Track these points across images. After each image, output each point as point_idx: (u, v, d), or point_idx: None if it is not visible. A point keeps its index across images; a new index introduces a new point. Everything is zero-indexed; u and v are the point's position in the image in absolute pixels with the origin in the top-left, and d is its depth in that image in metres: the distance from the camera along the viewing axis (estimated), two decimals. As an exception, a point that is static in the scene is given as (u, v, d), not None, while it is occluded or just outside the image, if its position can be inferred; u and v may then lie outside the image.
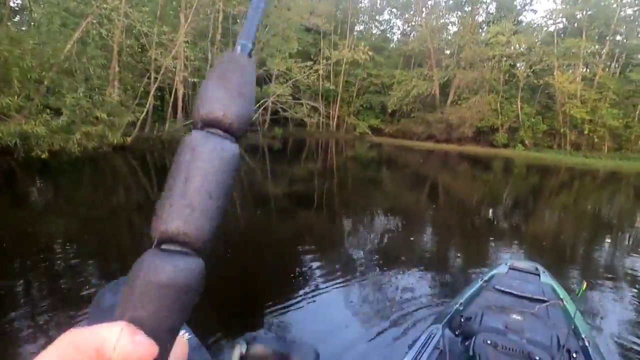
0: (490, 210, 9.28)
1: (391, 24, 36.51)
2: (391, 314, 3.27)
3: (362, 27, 35.02)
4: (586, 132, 23.33)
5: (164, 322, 0.23)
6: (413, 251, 5.34)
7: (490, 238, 6.53)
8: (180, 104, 16.25)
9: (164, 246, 0.25)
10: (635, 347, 3.05)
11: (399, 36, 36.47)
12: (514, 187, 13.80)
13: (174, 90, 14.90)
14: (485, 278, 2.74)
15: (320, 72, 19.30)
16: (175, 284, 0.24)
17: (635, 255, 5.93)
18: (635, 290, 4.41)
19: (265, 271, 4.31)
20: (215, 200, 0.26)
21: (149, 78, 12.89)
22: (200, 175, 0.26)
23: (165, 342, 0.22)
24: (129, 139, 12.87)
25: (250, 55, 0.32)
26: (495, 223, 7.99)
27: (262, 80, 20.46)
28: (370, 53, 20.76)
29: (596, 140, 23.71)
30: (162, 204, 0.26)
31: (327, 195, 9.41)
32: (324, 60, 19.24)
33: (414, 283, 4.08)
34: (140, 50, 12.71)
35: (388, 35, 36.62)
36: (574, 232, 7.68)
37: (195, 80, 17.31)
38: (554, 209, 10.00)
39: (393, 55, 33.13)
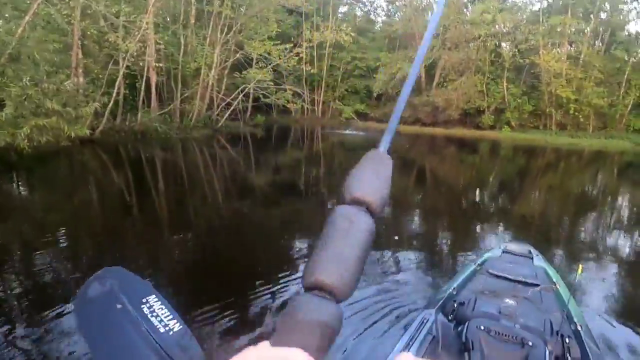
0: (479, 193, 9.17)
1: (375, 5, 35.56)
2: (383, 300, 3.21)
3: (345, 9, 34.00)
4: (571, 111, 23.22)
5: (321, 353, 0.27)
6: (404, 236, 5.25)
7: (481, 221, 6.44)
8: (153, 92, 15.34)
9: (314, 292, 0.30)
10: (629, 330, 3.00)
11: (384, 17, 35.61)
12: (502, 169, 13.73)
13: (144, 78, 13.95)
14: (479, 262, 2.68)
15: (302, 55, 18.47)
16: (330, 324, 0.29)
17: (624, 234, 5.95)
18: (627, 271, 4.38)
19: (251, 260, 4.17)
20: (361, 263, 0.33)
21: (115, 64, 11.94)
22: (356, 242, 0.33)
23: None
24: (96, 132, 12.06)
25: (388, 153, 0.45)
26: (484, 206, 7.89)
27: (240, 65, 19.56)
28: (353, 34, 19.99)
29: (581, 119, 23.65)
30: (321, 258, 0.32)
31: (314, 182, 9.17)
32: (306, 43, 18.42)
33: (406, 268, 4.02)
34: (103, 34, 11.71)
35: (372, 17, 35.74)
36: (564, 212, 7.65)
37: (171, 67, 16.39)
38: (542, 190, 10.03)
39: (378, 38, 32.33)
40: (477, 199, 8.61)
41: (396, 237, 5.20)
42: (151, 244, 4.58)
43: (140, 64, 13.35)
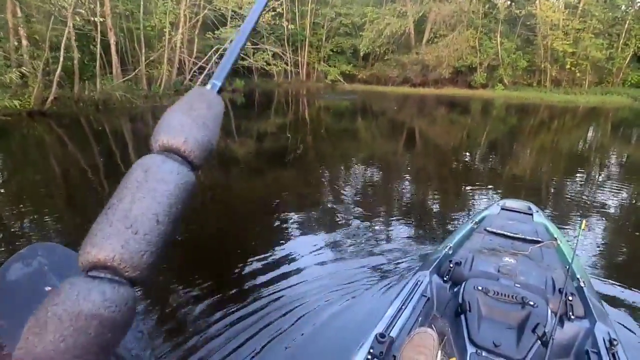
0: (472, 155, 8.89)
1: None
2: (377, 264, 3.12)
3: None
4: (568, 66, 22.07)
5: (102, 355, 0.19)
6: (396, 200, 5.10)
7: (475, 181, 6.26)
8: (114, 56, 13.77)
9: (93, 272, 0.22)
10: (632, 285, 2.88)
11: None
12: (494, 129, 13.09)
13: (99, 40, 12.38)
14: (476, 220, 2.58)
15: (280, 10, 16.73)
16: (100, 316, 0.20)
17: (623, 190, 5.88)
18: (629, 226, 4.29)
19: (237, 233, 3.89)
20: (163, 225, 0.23)
21: (63, 25, 10.36)
22: (150, 197, 0.24)
23: None
24: (47, 103, 10.74)
25: (219, 92, 0.37)
26: (478, 167, 7.70)
27: (214, 25, 17.81)
28: None
29: (578, 74, 22.57)
30: (100, 225, 0.23)
31: (301, 149, 8.59)
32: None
33: (400, 231, 3.89)
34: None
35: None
36: (560, 170, 7.50)
37: (132, 27, 14.68)
38: (536, 149, 9.63)
39: (364, -9, 30.09)
40: (470, 159, 8.37)
41: (389, 200, 4.99)
42: None
43: (94, 19, 11.71)
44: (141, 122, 11.67)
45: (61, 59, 10.31)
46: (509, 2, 23.93)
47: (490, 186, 6.01)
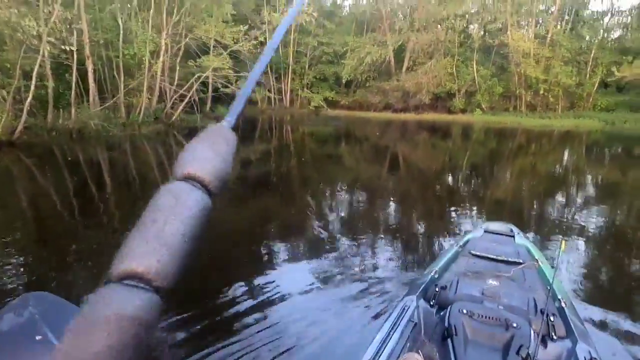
0: (454, 178, 9.02)
1: (341, -12, 34.12)
2: (364, 289, 3.13)
3: (310, -8, 32.37)
4: (541, 92, 23.00)
5: (129, 351, 0.23)
6: (382, 225, 5.09)
7: (459, 204, 6.31)
8: (92, 84, 13.51)
9: (127, 281, 0.26)
10: (612, 304, 2.98)
11: (351, 1, 34.29)
12: (475, 153, 13.36)
13: (74, 69, 12.13)
14: (461, 243, 2.63)
15: (261, 39, 16.95)
16: (138, 318, 0.24)
17: (600, 210, 6.07)
18: (607, 245, 4.40)
19: (220, 262, 3.75)
20: (188, 244, 0.29)
21: (26, 53, 10.09)
22: (179, 220, 0.29)
23: None
24: (16, 133, 10.30)
25: (233, 129, 0.42)
26: (461, 190, 7.81)
27: (197, 53, 17.86)
28: (315, 15, 18.67)
29: (551, 99, 23.51)
30: (136, 241, 0.27)
31: (285, 175, 8.64)
32: (265, 25, 16.88)
33: (387, 256, 3.89)
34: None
35: (339, 1, 34.32)
36: (540, 192, 7.61)
37: (112, 55, 14.52)
38: (516, 172, 9.83)
39: (345, 22, 31.12)
40: (453, 183, 8.45)
41: (375, 225, 4.97)
42: (95, 260, 3.73)
43: (69, 49, 11.49)
44: (118, 150, 11.30)
45: (32, 87, 9.98)
46: (482, 32, 25.08)
47: (473, 208, 6.07)
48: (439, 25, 25.36)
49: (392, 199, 6.81)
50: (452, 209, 6.01)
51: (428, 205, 6.44)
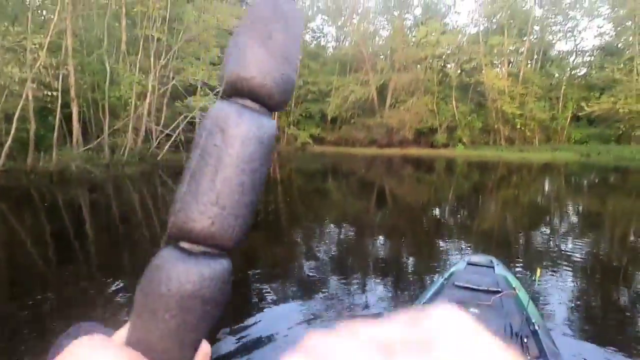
0: (440, 211, 9.14)
1: (325, 32, 35.99)
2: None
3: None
4: (518, 126, 24.06)
5: (186, 339, 0.20)
6: (370, 259, 5.15)
7: (445, 238, 6.45)
8: (75, 125, 13.46)
9: (185, 245, 0.21)
10: (584, 326, 3.23)
11: (334, 43, 36.06)
12: (459, 186, 13.54)
13: (58, 111, 12.12)
14: (446, 276, 2.79)
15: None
16: (202, 295, 0.20)
17: (576, 239, 6.31)
18: (581, 272, 4.61)
19: None
20: (248, 194, 0.22)
21: (9, 97, 10.06)
22: (233, 165, 0.22)
23: None
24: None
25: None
26: (446, 223, 7.90)
27: (185, 94, 18.17)
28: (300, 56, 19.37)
29: (528, 133, 24.56)
30: (185, 197, 0.22)
31: (273, 212, 8.52)
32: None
33: (377, 292, 3.96)
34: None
35: (323, 43, 36.06)
36: (520, 223, 7.79)
37: (98, 97, 14.64)
38: (498, 203, 10.05)
39: (329, 62, 32.46)
40: (439, 216, 8.56)
41: (362, 261, 5.01)
42: (67, 313, 3.54)
43: (52, 93, 11.54)
44: (99, 193, 11.05)
45: (13, 130, 9.86)
46: (459, 72, 26.49)
47: (459, 241, 6.22)
48: (418, 65, 26.71)
49: (380, 233, 6.79)
50: (439, 242, 6.10)
51: (415, 239, 6.50)
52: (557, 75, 25.58)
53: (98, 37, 14.05)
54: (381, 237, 6.53)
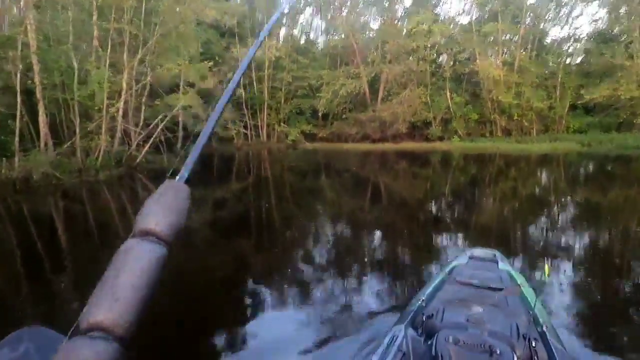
0: (436, 205, 8.95)
1: (314, 25, 34.99)
2: (353, 322, 3.14)
3: (284, 31, 32.89)
4: (515, 116, 23.25)
5: None
6: (368, 257, 5.09)
7: (443, 232, 6.33)
8: (43, 128, 12.47)
9: (90, 333, 0.29)
10: (592, 327, 3.03)
11: (324, 37, 35.04)
12: (455, 180, 13.10)
13: (18, 115, 11.14)
14: (447, 270, 2.67)
15: (229, 75, 16.52)
16: None
17: (582, 232, 6.10)
18: (588, 267, 4.39)
19: (200, 310, 3.54)
20: (140, 291, 0.33)
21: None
22: (129, 271, 0.34)
23: None
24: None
25: (186, 182, 0.48)
26: (444, 217, 7.76)
27: (165, 93, 17.20)
28: (278, 53, 18.64)
29: (525, 123, 23.77)
30: (93, 297, 0.32)
31: (265, 212, 8.29)
32: (234, 62, 16.51)
33: (374, 287, 3.92)
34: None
35: (312, 36, 35.06)
36: (522, 215, 7.54)
37: (68, 97, 13.63)
38: (498, 196, 9.77)
39: (318, 57, 31.51)
40: (436, 211, 8.35)
41: (359, 258, 4.99)
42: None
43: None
44: (71, 200, 10.13)
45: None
46: (452, 62, 25.64)
47: (458, 235, 6.01)
48: (410, 57, 25.80)
49: (376, 230, 6.69)
50: (437, 236, 5.95)
51: (413, 234, 6.35)
52: (552, 63, 24.77)
53: (64, 32, 12.99)
54: (378, 234, 6.42)
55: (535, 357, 1.58)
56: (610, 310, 3.41)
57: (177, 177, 0.47)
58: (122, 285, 0.31)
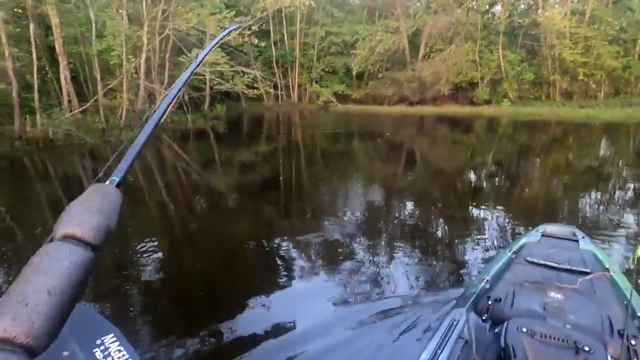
0: (486, 176, 8.16)
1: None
2: (408, 302, 2.81)
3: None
4: (580, 77, 20.08)
5: None
6: (408, 229, 4.69)
7: (500, 206, 5.68)
8: (65, 85, 12.11)
9: None
10: None
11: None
12: (508, 148, 11.88)
13: (35, 68, 10.72)
14: (514, 249, 2.35)
15: (255, 28, 15.16)
16: None
17: None
18: None
19: (224, 275, 3.50)
20: (56, 296, 0.29)
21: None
22: (43, 275, 0.30)
23: None
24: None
25: (118, 186, 0.44)
26: (496, 189, 7.12)
27: (188, 47, 16.26)
28: (314, 3, 16.85)
29: (593, 85, 20.51)
30: (4, 306, 0.28)
31: (295, 177, 8.02)
32: (260, 13, 15.10)
33: (419, 265, 3.58)
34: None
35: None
36: (596, 191, 6.75)
37: (89, 52, 13.11)
38: (560, 169, 8.67)
39: (355, 10, 28.94)
40: (484, 182, 7.68)
41: (399, 230, 4.69)
42: None
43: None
44: (94, 160, 9.82)
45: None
46: (509, 12, 22.32)
47: (509, 212, 5.37)
48: (459, 7, 22.74)
49: (417, 200, 6.25)
50: (495, 211, 5.33)
51: (456, 206, 5.82)
52: (637, 12, 20.72)
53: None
54: (419, 206, 5.88)
55: (636, 359, 1.32)
56: None
57: (108, 181, 0.43)
58: (33, 290, 0.27)
